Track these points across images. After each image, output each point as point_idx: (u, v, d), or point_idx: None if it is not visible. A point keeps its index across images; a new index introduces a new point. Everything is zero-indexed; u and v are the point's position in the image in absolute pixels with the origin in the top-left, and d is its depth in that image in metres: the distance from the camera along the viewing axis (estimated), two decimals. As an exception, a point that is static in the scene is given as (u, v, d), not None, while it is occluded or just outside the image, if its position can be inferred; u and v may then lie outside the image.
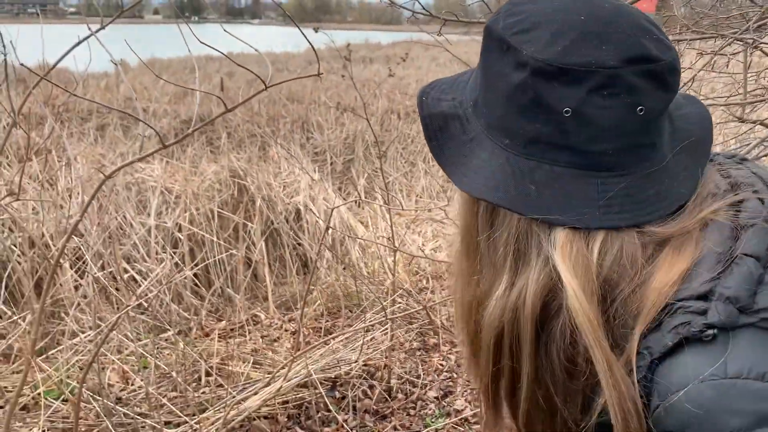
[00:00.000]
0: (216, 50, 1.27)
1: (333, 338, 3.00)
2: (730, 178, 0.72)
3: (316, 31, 2.38)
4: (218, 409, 2.68)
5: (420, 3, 1.82)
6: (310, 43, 1.26)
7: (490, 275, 0.73)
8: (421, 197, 6.96)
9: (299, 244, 5.08)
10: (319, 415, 2.81)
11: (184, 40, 1.22)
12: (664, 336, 0.60)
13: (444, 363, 3.34)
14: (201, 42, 1.20)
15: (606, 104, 0.64)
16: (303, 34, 1.28)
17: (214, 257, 4.54)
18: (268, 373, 3.03)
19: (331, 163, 7.33)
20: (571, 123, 0.65)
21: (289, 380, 2.75)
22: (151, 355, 3.13)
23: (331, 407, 2.82)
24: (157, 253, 4.34)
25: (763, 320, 0.58)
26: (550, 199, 0.66)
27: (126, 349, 3.23)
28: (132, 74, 11.91)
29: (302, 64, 16.63)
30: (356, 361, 2.98)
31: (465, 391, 3.12)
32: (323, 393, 2.82)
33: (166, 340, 3.53)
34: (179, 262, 4.42)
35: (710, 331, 0.58)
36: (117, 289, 3.57)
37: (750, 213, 0.65)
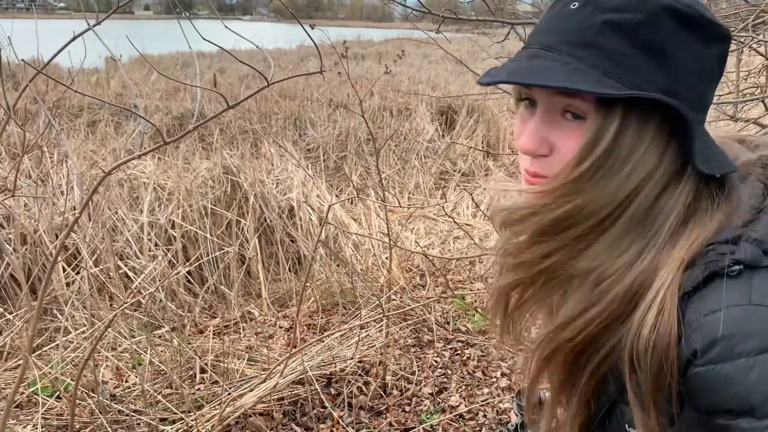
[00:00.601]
0: (218, 47, 1.26)
1: (329, 335, 3.00)
2: (760, 149, 0.80)
3: (312, 28, 2.37)
4: (214, 406, 2.68)
5: (420, 1, 1.82)
6: (313, 41, 1.26)
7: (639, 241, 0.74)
8: (413, 194, 6.97)
9: (293, 241, 5.07)
10: (315, 411, 2.82)
11: (185, 35, 1.21)
12: (695, 273, 0.68)
13: (438, 359, 3.35)
14: (203, 38, 1.19)
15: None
16: (306, 31, 1.28)
17: (208, 254, 4.53)
18: (263, 370, 3.04)
19: (324, 160, 7.32)
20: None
21: (284, 377, 2.75)
22: (145, 352, 3.12)
23: (326, 404, 2.83)
24: (150, 250, 4.32)
25: None
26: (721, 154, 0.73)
27: (120, 346, 3.22)
28: (122, 70, 11.82)
29: (294, 60, 16.58)
30: (352, 358, 2.99)
31: (459, 387, 3.14)
32: (318, 389, 2.82)
33: (160, 337, 3.52)
34: (172, 258, 4.40)
35: (737, 267, 0.66)
36: (112, 286, 3.56)
37: None
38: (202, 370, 3.09)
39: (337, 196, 6.28)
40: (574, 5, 0.72)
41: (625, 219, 0.73)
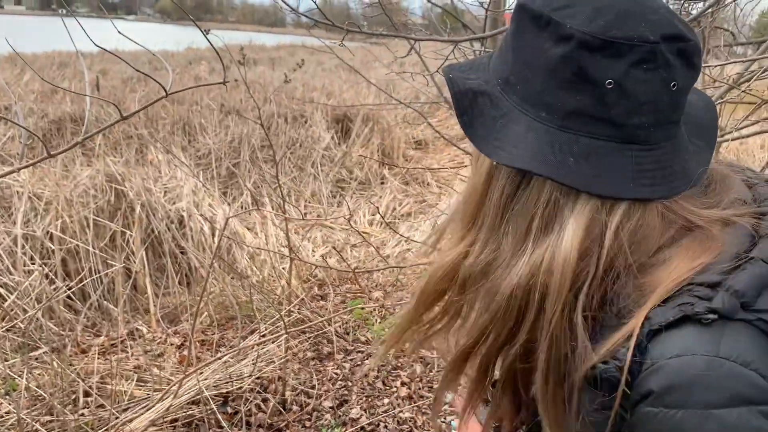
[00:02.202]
0: (104, 49, 1.16)
1: (227, 353, 2.88)
2: (754, 190, 0.77)
3: (207, 32, 2.28)
4: (100, 433, 2.50)
5: (320, 9, 1.79)
6: (216, 51, 1.19)
7: (508, 243, 0.74)
8: (310, 202, 6.90)
9: (183, 253, 4.86)
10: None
11: (68, 33, 1.11)
12: (668, 311, 0.65)
13: (338, 371, 3.31)
14: (89, 38, 1.10)
15: (645, 78, 0.67)
16: (207, 38, 1.21)
17: (90, 268, 4.24)
18: (155, 391, 2.87)
19: (216, 167, 7.09)
20: (612, 95, 0.68)
21: (178, 397, 2.61)
22: (20, 376, 2.87)
23: (223, 423, 2.71)
24: (25, 265, 3.99)
25: (760, 320, 0.64)
26: (588, 170, 0.69)
27: (-10, 371, 2.94)
28: (-9, 68, 10.94)
29: (183, 63, 15.99)
30: (249, 375, 2.89)
31: (360, 398, 3.12)
32: (215, 409, 2.70)
33: (37, 359, 3.25)
34: (50, 273, 4.09)
35: (711, 315, 0.63)
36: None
37: None
38: (86, 394, 2.87)
39: (229, 204, 6.09)
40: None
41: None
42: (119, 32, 1.29)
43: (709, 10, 2.31)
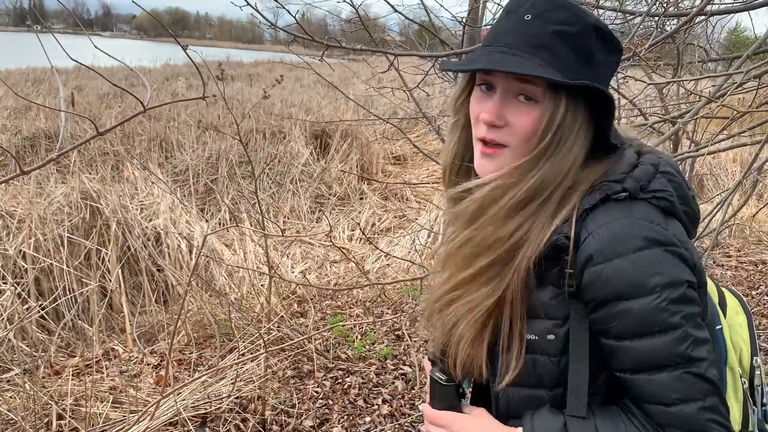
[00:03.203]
0: (83, 65, 1.14)
1: (205, 373, 2.83)
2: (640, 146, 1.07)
3: (186, 48, 2.25)
4: (74, 458, 2.43)
5: (299, 24, 1.78)
6: (196, 65, 1.17)
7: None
8: (288, 218, 6.86)
9: (159, 270, 4.78)
10: (189, 454, 2.63)
11: (44, 49, 1.08)
12: (593, 197, 0.94)
13: (319, 390, 3.27)
14: (67, 54, 1.07)
15: None
16: (187, 54, 1.19)
17: (64, 287, 4.16)
18: (131, 413, 2.81)
19: (194, 183, 7.02)
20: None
21: (155, 419, 2.55)
22: (-10, 400, 2.79)
23: (201, 445, 2.65)
24: (-4, 284, 3.89)
25: (653, 197, 0.94)
26: None
27: (-41, 395, 2.85)
28: (-38, 84, 10.74)
29: (159, 79, 15.89)
30: (228, 395, 2.83)
31: (341, 417, 3.07)
32: (193, 430, 2.64)
33: (8, 381, 3.16)
34: (23, 293, 3.99)
35: (623, 194, 0.93)
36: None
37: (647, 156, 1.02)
38: (60, 417, 2.80)
39: (207, 221, 6.03)
40: (527, 17, 0.96)
41: (564, 185, 0.97)
42: (96, 47, 1.27)
43: (684, 27, 2.35)
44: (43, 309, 3.90)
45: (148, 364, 3.54)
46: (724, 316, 1.12)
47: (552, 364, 0.96)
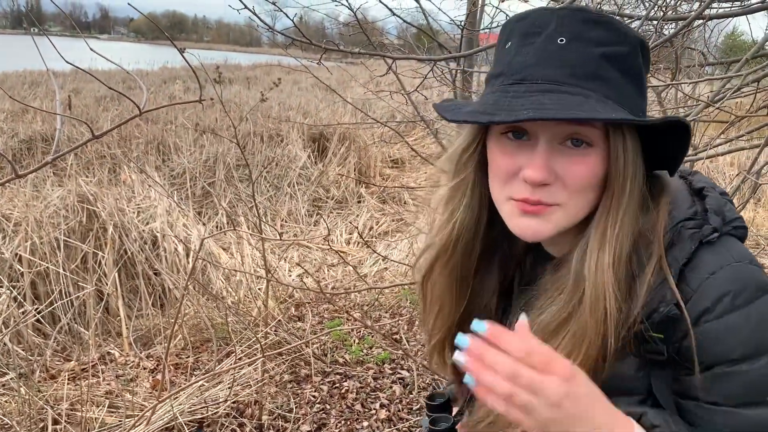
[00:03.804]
0: (79, 68, 1.13)
1: (201, 377, 2.81)
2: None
3: (183, 51, 2.25)
4: (69, 463, 2.41)
5: (297, 27, 1.77)
6: (192, 68, 1.16)
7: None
8: (286, 221, 6.85)
9: (156, 274, 4.76)
10: (185, 459, 2.62)
11: (39, 52, 1.07)
12: (683, 247, 0.79)
13: (316, 394, 3.26)
14: (62, 57, 1.06)
15: None
16: (184, 58, 1.18)
17: (61, 290, 4.14)
18: (127, 417, 2.79)
19: (191, 186, 7.00)
20: None
21: (152, 424, 2.54)
22: (-15, 405, 2.77)
23: (198, 450, 2.64)
24: (-9, 288, 3.87)
25: (734, 228, 0.82)
26: None
27: (-46, 399, 2.83)
28: (-41, 87, 10.73)
29: (157, 82, 15.88)
30: (225, 400, 2.82)
31: (339, 422, 3.06)
32: (189, 435, 2.63)
33: (3, 385, 3.15)
34: (19, 297, 3.97)
35: (715, 234, 0.80)
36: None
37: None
38: (55, 422, 2.78)
39: (204, 224, 6.01)
40: (561, 41, 0.78)
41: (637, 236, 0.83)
42: (92, 50, 1.26)
43: (682, 31, 2.34)
44: (39, 312, 3.88)
45: (145, 369, 3.52)
46: None
47: None
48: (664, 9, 2.34)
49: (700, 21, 2.53)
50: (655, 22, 2.31)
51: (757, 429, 0.75)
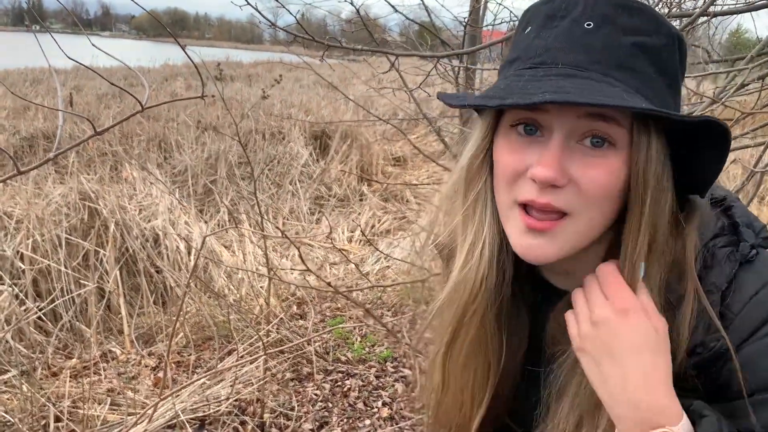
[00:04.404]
0: (82, 65, 1.12)
1: (203, 375, 2.81)
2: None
3: (185, 48, 2.23)
4: (71, 461, 2.41)
5: (299, 24, 1.76)
6: (195, 65, 1.15)
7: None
8: (288, 219, 6.84)
9: (158, 272, 4.76)
10: (187, 457, 2.62)
11: (42, 49, 1.06)
12: (720, 272, 0.72)
13: (318, 392, 3.25)
14: (65, 54, 1.05)
15: None
16: (187, 54, 1.17)
17: (62, 288, 4.13)
18: (129, 415, 2.78)
19: (193, 184, 7.00)
20: None
21: (153, 421, 2.53)
22: (-13, 402, 2.77)
23: (200, 448, 2.63)
24: (-7, 285, 3.87)
25: (764, 239, 0.75)
26: None
27: (-45, 397, 2.83)
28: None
29: (159, 79, 15.86)
30: (227, 398, 2.81)
31: (341, 420, 3.05)
32: (191, 433, 2.63)
33: (5, 383, 3.14)
34: (20, 294, 3.97)
35: (753, 251, 0.73)
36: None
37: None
38: (57, 419, 2.77)
39: (206, 222, 6.00)
40: (588, 25, 0.69)
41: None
42: (94, 46, 1.25)
43: (687, 28, 2.33)
44: (40, 310, 3.88)
45: (146, 366, 3.52)
46: None
47: None
48: (668, 5, 2.33)
49: (705, 18, 2.51)
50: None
51: None
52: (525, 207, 0.73)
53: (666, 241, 0.72)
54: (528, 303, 0.87)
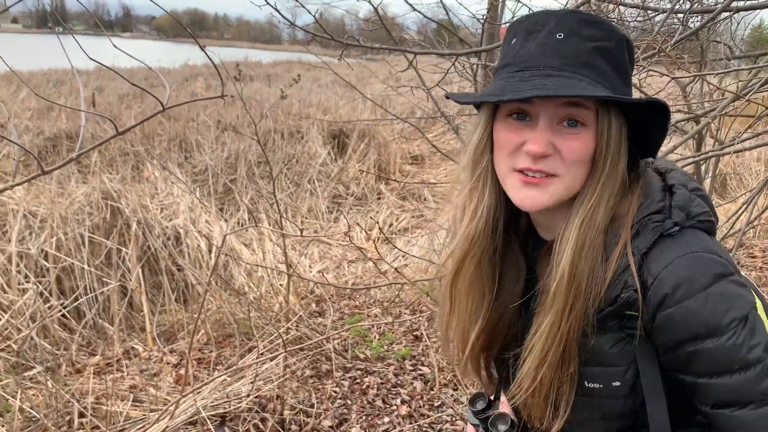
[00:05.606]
0: (104, 66, 1.14)
1: (224, 372, 2.84)
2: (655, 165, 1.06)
3: (204, 48, 2.26)
4: (95, 456, 2.44)
5: (318, 23, 1.77)
6: (214, 65, 1.17)
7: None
8: (306, 218, 6.87)
9: (179, 270, 4.81)
10: (208, 453, 2.64)
11: (64, 51, 1.08)
12: (646, 237, 0.91)
13: (337, 390, 3.27)
14: (87, 56, 1.07)
15: None
16: (207, 54, 1.19)
17: (85, 286, 4.20)
18: (151, 411, 2.82)
19: (213, 183, 7.06)
20: None
21: (175, 418, 2.56)
22: (14, 396, 2.82)
23: (221, 444, 2.66)
24: (19, 283, 3.94)
25: (697, 222, 0.92)
26: None
27: (-17, 392, 2.89)
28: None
29: (179, 80, 16.03)
30: (247, 395, 2.84)
31: (360, 417, 3.07)
32: (212, 429, 2.65)
33: (31, 379, 3.20)
34: (45, 292, 4.04)
35: (676, 228, 0.91)
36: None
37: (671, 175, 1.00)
38: (81, 415, 2.82)
39: (226, 220, 6.06)
40: (560, 36, 0.92)
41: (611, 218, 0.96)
42: (116, 47, 1.27)
43: (708, 24, 2.31)
44: (64, 308, 3.94)
45: (168, 363, 3.56)
46: None
47: (621, 404, 0.97)
48: (690, 1, 2.31)
49: (727, 13, 2.48)
50: (680, 15, 2.27)
51: (733, 394, 0.87)
52: (522, 172, 0.95)
53: (616, 195, 0.94)
54: (525, 251, 1.11)
